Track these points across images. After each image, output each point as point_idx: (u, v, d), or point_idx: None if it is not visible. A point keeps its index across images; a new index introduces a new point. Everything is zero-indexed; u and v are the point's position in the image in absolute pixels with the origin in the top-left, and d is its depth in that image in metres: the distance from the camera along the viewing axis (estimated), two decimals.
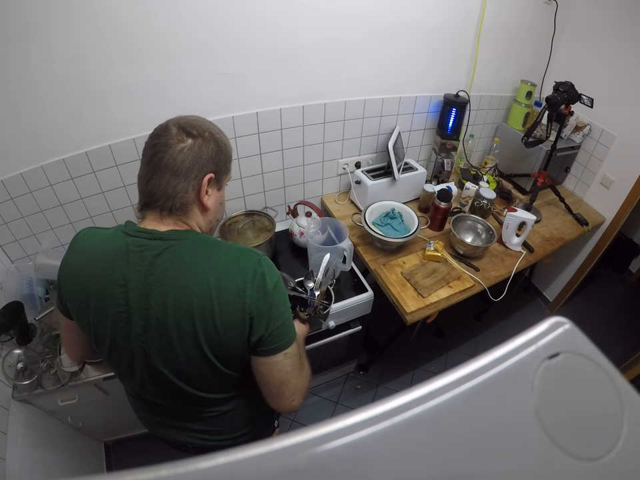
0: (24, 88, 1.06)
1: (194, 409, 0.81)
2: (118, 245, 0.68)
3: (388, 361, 2.05)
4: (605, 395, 0.21)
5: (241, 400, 0.84)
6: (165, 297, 0.65)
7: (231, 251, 0.68)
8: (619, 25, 1.61)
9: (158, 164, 0.65)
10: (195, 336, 0.66)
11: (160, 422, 0.87)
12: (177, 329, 0.66)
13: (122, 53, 1.11)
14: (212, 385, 0.76)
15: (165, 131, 0.67)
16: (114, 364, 0.77)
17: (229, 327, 0.66)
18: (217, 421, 0.83)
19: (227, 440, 0.88)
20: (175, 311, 0.65)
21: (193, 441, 0.86)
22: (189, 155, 0.66)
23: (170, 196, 0.67)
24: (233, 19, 1.18)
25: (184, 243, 0.67)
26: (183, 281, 0.64)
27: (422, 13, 1.45)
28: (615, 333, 2.22)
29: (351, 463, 0.18)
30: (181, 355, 0.68)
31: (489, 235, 1.56)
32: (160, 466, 0.17)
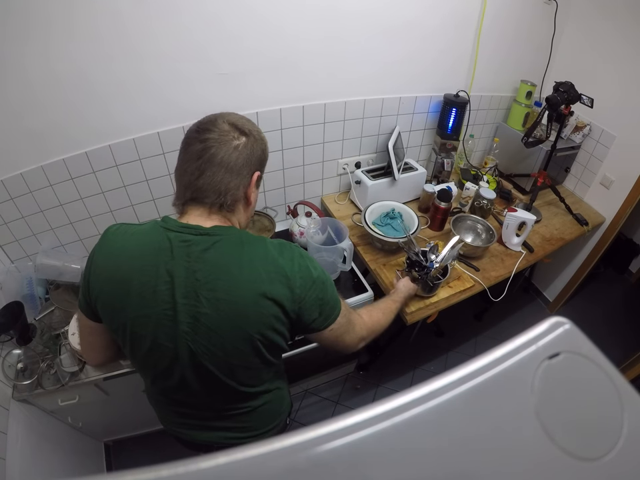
0: (25, 88, 1.05)
1: (230, 405, 0.82)
2: (159, 240, 0.67)
3: (388, 360, 2.05)
4: (605, 395, 0.21)
5: (270, 395, 0.86)
6: (215, 292, 0.65)
7: (274, 245, 0.71)
8: (619, 24, 1.61)
9: (211, 160, 0.66)
10: (246, 329, 0.67)
11: (186, 423, 0.87)
12: (229, 323, 0.67)
13: (122, 53, 1.11)
14: (254, 377, 0.78)
15: (216, 126, 0.68)
16: (150, 364, 0.75)
17: (278, 317, 0.69)
18: (248, 417, 0.85)
19: (254, 437, 0.89)
20: (227, 306, 0.66)
21: (220, 440, 0.87)
22: (243, 153, 0.68)
23: (222, 192, 0.68)
24: (232, 20, 1.18)
25: (230, 238, 0.68)
26: (232, 275, 0.65)
27: (422, 13, 1.45)
28: (615, 333, 2.22)
29: (351, 463, 0.18)
30: (231, 350, 0.69)
31: (489, 235, 1.56)
32: (160, 466, 0.17)
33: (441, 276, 1.27)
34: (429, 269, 1.24)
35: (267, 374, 0.81)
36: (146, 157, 1.34)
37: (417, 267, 1.29)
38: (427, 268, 1.25)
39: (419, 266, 1.28)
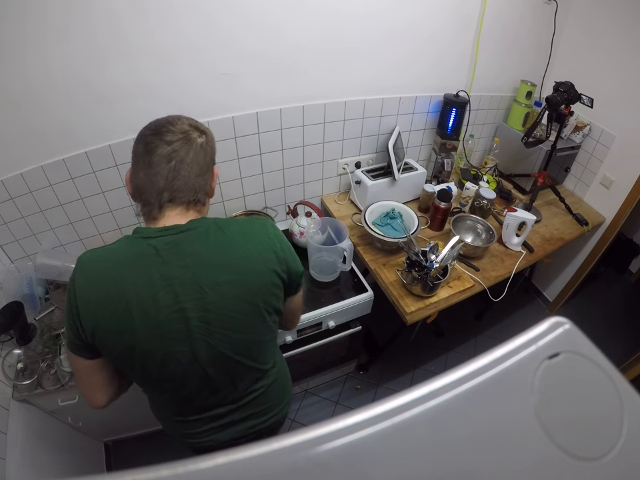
0: (26, 87, 1.06)
1: (249, 388, 0.86)
2: (142, 251, 0.67)
3: (388, 361, 2.05)
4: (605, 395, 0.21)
5: (276, 370, 0.92)
6: (216, 277, 0.68)
7: (244, 221, 0.77)
8: (619, 24, 1.61)
9: (184, 160, 0.68)
10: (252, 301, 0.73)
11: (211, 428, 0.87)
12: (236, 302, 0.71)
13: (122, 54, 1.11)
14: (265, 350, 0.84)
15: (176, 127, 0.69)
16: (167, 378, 0.73)
17: (273, 279, 0.75)
18: (265, 398, 0.90)
19: (273, 417, 0.95)
20: (229, 287, 0.69)
21: (245, 432, 0.91)
22: (207, 150, 0.72)
23: (197, 189, 0.71)
24: (232, 22, 1.18)
25: (208, 227, 0.71)
26: (225, 258, 0.70)
27: (422, 13, 1.45)
28: (614, 332, 2.22)
29: (351, 463, 0.18)
30: (243, 327, 0.74)
31: (489, 235, 1.56)
32: (160, 466, 0.17)
33: (440, 276, 1.27)
34: (429, 268, 1.24)
35: (273, 345, 0.88)
36: None
37: (416, 267, 1.29)
38: (426, 268, 1.25)
39: (419, 266, 1.28)
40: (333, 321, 1.44)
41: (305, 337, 1.44)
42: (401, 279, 1.36)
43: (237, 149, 1.47)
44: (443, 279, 1.28)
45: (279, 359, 0.95)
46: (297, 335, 1.41)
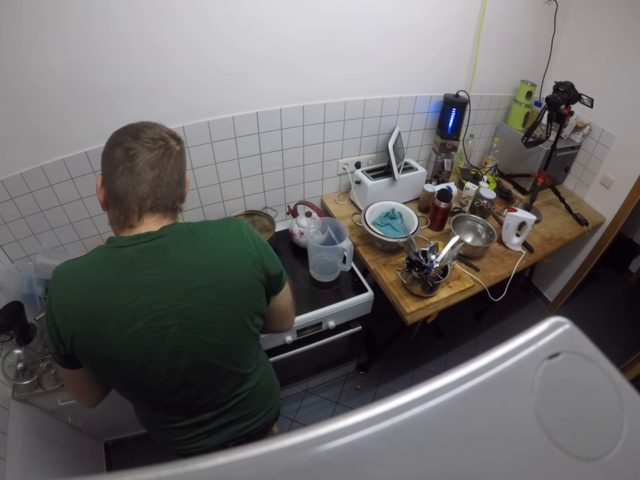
0: (27, 87, 1.06)
1: (233, 393, 0.85)
2: (116, 260, 0.66)
3: (388, 360, 2.05)
4: (605, 395, 0.21)
5: (260, 372, 0.91)
6: (191, 283, 0.68)
7: (218, 223, 0.76)
8: (620, 24, 1.61)
9: (166, 167, 0.68)
10: (231, 305, 0.72)
11: (199, 434, 0.87)
12: (214, 307, 0.70)
13: (124, 55, 1.11)
14: (247, 354, 0.83)
15: (156, 134, 0.69)
16: (146, 387, 0.74)
17: (251, 281, 0.74)
18: (250, 401, 0.90)
19: (261, 419, 0.95)
20: (206, 292, 0.69)
21: (235, 436, 0.91)
22: (183, 157, 0.74)
23: (176, 196, 0.72)
24: (230, 21, 1.18)
25: (181, 232, 0.70)
26: (200, 262, 0.69)
27: (422, 14, 1.45)
28: (615, 333, 2.22)
29: (351, 463, 0.18)
30: (222, 332, 0.73)
31: (489, 235, 1.56)
32: (160, 466, 0.17)
33: (440, 276, 1.27)
34: (429, 268, 1.24)
35: (255, 349, 0.87)
36: None
37: (416, 267, 1.29)
38: (426, 268, 1.25)
39: (419, 266, 1.28)
40: (333, 321, 1.44)
41: (305, 336, 1.44)
42: (401, 278, 1.36)
43: (237, 149, 1.47)
44: (443, 279, 1.28)
45: (262, 360, 0.94)
46: (297, 335, 1.41)
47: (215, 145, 1.42)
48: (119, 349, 0.66)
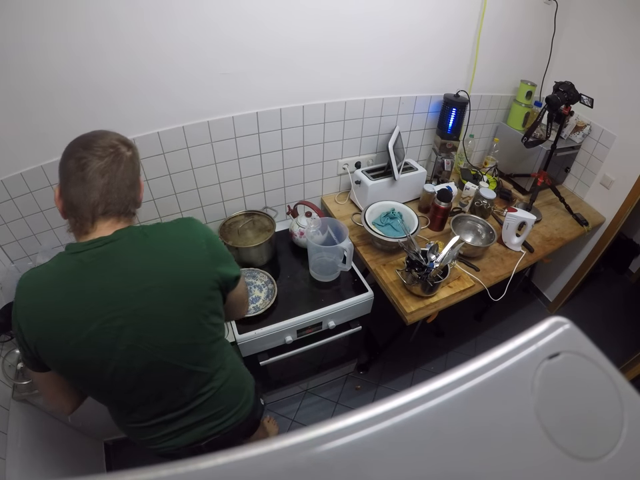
0: (27, 86, 1.06)
1: (196, 393, 0.85)
2: (71, 266, 0.69)
3: (388, 360, 2.05)
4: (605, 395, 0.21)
5: (226, 373, 0.91)
6: (143, 284, 0.70)
7: (171, 225, 0.78)
8: (620, 24, 1.61)
9: (116, 174, 0.71)
10: (184, 305, 0.74)
11: (167, 434, 0.88)
12: (166, 307, 0.72)
13: (125, 54, 1.11)
14: (205, 353, 0.83)
15: (106, 142, 0.72)
16: (108, 387, 0.77)
17: (204, 281, 0.76)
18: (216, 401, 0.90)
19: (231, 418, 0.95)
20: (159, 293, 0.71)
21: (204, 435, 0.92)
22: (135, 162, 0.76)
23: (129, 201, 0.74)
24: (229, 21, 1.18)
25: (133, 235, 0.73)
26: (152, 264, 0.72)
27: (422, 14, 1.45)
28: (615, 333, 2.22)
29: (351, 463, 0.18)
30: (176, 330, 0.75)
31: (489, 235, 1.56)
32: (160, 466, 0.17)
33: (441, 276, 1.27)
34: (429, 268, 1.24)
35: (218, 347, 0.87)
36: (146, 157, 1.34)
37: (416, 267, 1.29)
38: (427, 268, 1.25)
39: (419, 266, 1.28)
40: (333, 321, 1.44)
41: (305, 336, 1.44)
42: (401, 278, 1.36)
43: (237, 149, 1.47)
44: (443, 279, 1.28)
45: (230, 360, 0.94)
46: (297, 334, 1.41)
47: (214, 145, 1.42)
48: (77, 349, 0.69)
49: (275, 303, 1.38)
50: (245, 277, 1.47)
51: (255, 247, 1.44)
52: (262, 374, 1.54)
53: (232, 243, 1.46)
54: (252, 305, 1.38)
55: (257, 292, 1.43)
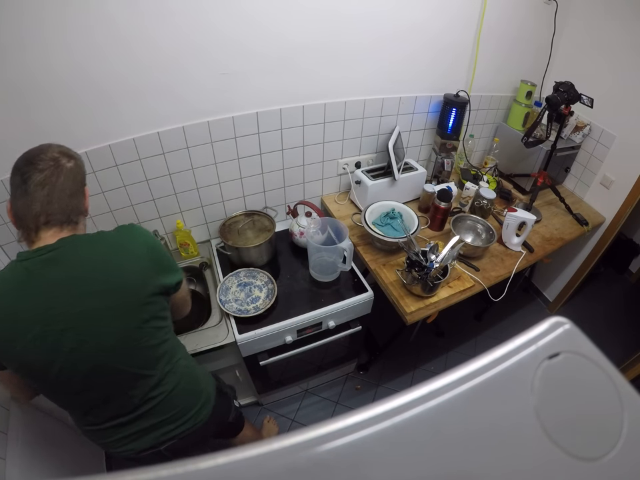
0: (31, 86, 1.06)
1: (146, 396, 0.87)
2: (18, 273, 0.74)
3: (388, 360, 2.05)
4: (605, 395, 0.21)
5: (176, 377, 0.92)
6: (83, 289, 0.74)
7: (113, 233, 0.83)
8: (620, 24, 1.60)
9: (56, 185, 0.75)
10: (124, 310, 0.77)
11: (125, 437, 0.90)
12: (106, 312, 0.76)
13: (126, 54, 1.11)
14: (150, 357, 0.85)
15: (47, 156, 0.76)
16: (55, 389, 0.80)
17: (143, 286, 0.80)
18: (169, 404, 0.91)
19: (188, 421, 0.96)
20: (99, 299, 0.75)
21: (163, 438, 0.93)
22: (77, 173, 0.80)
23: (71, 210, 0.78)
24: (232, 24, 1.18)
25: (75, 243, 0.77)
26: (91, 271, 0.75)
27: (422, 14, 1.45)
28: (615, 332, 2.22)
29: (351, 463, 0.18)
30: (116, 334, 0.77)
31: (489, 235, 1.56)
32: (160, 466, 0.17)
33: (441, 276, 1.27)
34: (429, 268, 1.24)
35: (164, 351, 0.88)
36: (146, 157, 1.34)
37: (416, 267, 1.29)
38: (427, 268, 1.25)
39: (419, 266, 1.28)
40: (333, 321, 1.44)
41: (305, 336, 1.44)
42: (401, 278, 1.36)
43: (237, 149, 1.48)
44: (443, 279, 1.28)
45: (182, 363, 0.95)
46: (297, 334, 1.42)
47: (214, 145, 1.42)
48: (23, 351, 0.73)
49: (275, 302, 1.38)
50: (245, 276, 1.47)
51: (254, 246, 1.44)
52: (262, 374, 1.55)
53: (232, 242, 1.46)
54: (252, 305, 1.38)
55: (257, 292, 1.43)
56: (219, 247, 1.55)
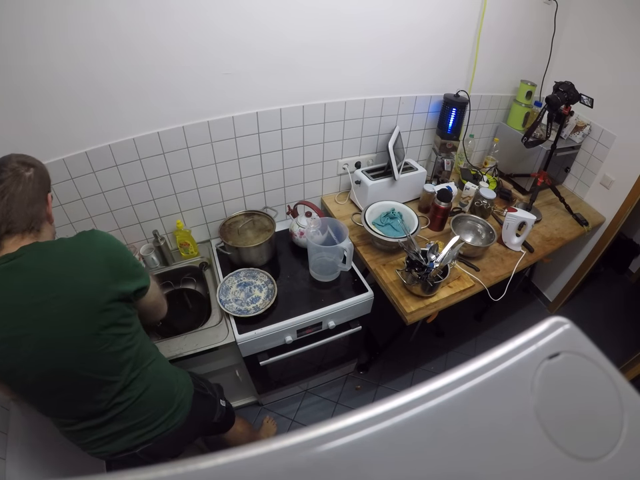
0: (31, 86, 1.06)
1: (113, 401, 0.87)
2: None
3: (388, 360, 2.05)
4: (605, 395, 0.21)
5: (144, 382, 0.92)
6: (41, 297, 0.75)
7: (72, 238, 0.83)
8: (619, 24, 1.61)
9: (14, 195, 0.76)
10: (80, 317, 0.78)
11: (99, 438, 0.91)
12: (63, 319, 0.76)
13: (126, 55, 1.11)
14: (113, 363, 0.85)
15: (6, 166, 0.77)
16: (22, 392, 0.81)
17: (100, 294, 0.79)
18: (139, 409, 0.92)
19: (160, 426, 0.96)
20: (56, 305, 0.75)
21: (136, 442, 0.94)
22: (36, 182, 0.80)
23: (31, 218, 0.79)
24: (232, 24, 1.18)
25: (35, 251, 0.77)
26: (49, 278, 0.76)
27: (422, 14, 1.45)
28: (615, 332, 2.22)
29: (351, 463, 0.18)
30: (73, 342, 0.78)
31: (489, 235, 1.56)
32: (160, 466, 0.17)
33: (441, 276, 1.27)
34: (429, 268, 1.24)
35: (127, 357, 0.87)
36: (146, 157, 1.34)
37: (416, 267, 1.29)
38: (426, 268, 1.25)
39: (419, 266, 1.29)
40: (332, 321, 1.44)
41: (305, 336, 1.44)
42: (401, 278, 1.36)
43: (237, 149, 1.48)
44: (443, 279, 1.28)
45: (152, 368, 0.94)
46: (297, 334, 1.42)
47: (214, 145, 1.42)
48: None
49: (274, 303, 1.38)
50: (245, 276, 1.47)
51: (255, 246, 1.44)
52: (262, 374, 1.55)
53: (232, 242, 1.46)
54: (252, 305, 1.38)
55: (257, 292, 1.43)
56: (218, 247, 1.55)
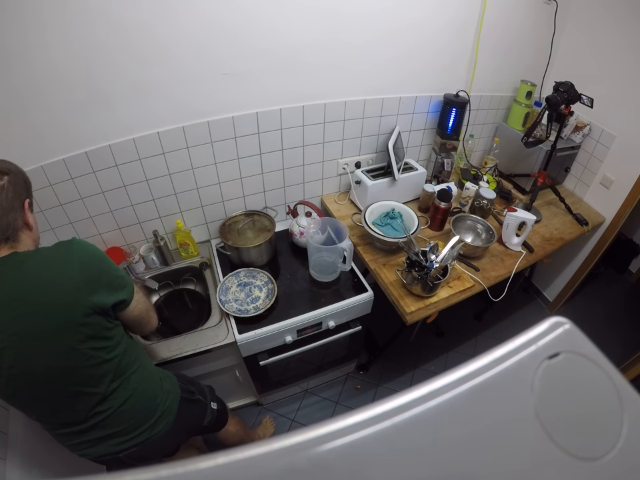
0: (31, 86, 1.06)
1: (92, 410, 0.88)
2: None
3: (388, 360, 2.05)
4: (605, 395, 0.21)
5: (125, 391, 0.91)
6: (16, 310, 0.74)
7: (49, 248, 0.80)
8: (619, 24, 1.60)
9: None
10: (56, 331, 0.76)
11: (81, 442, 0.92)
12: (38, 332, 0.75)
13: (128, 55, 1.11)
14: (91, 375, 0.84)
15: None
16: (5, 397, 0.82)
17: (75, 308, 0.77)
18: (119, 418, 0.92)
19: (140, 435, 0.96)
20: (30, 318, 0.74)
21: (116, 448, 0.95)
22: (9, 190, 0.77)
23: (6, 227, 0.76)
24: (232, 24, 1.18)
25: (10, 263, 0.75)
26: (24, 291, 0.74)
27: (422, 13, 1.45)
28: (615, 332, 2.22)
29: (351, 463, 0.18)
30: (49, 355, 0.77)
31: (489, 235, 1.56)
32: (160, 466, 0.17)
33: (441, 276, 1.27)
34: (429, 268, 1.24)
35: (104, 369, 0.86)
36: (146, 157, 1.34)
37: (416, 267, 1.29)
38: (426, 268, 1.25)
39: (419, 266, 1.29)
40: (333, 321, 1.44)
41: (305, 336, 1.44)
42: (401, 279, 1.36)
43: (237, 149, 1.48)
44: (443, 279, 1.28)
45: (135, 379, 0.94)
46: (297, 334, 1.41)
47: (214, 145, 1.42)
48: None
49: (274, 303, 1.38)
50: (245, 276, 1.47)
51: (254, 246, 1.44)
52: (262, 374, 1.54)
53: (232, 242, 1.46)
54: (252, 305, 1.38)
55: (257, 292, 1.43)
56: (218, 247, 1.55)
